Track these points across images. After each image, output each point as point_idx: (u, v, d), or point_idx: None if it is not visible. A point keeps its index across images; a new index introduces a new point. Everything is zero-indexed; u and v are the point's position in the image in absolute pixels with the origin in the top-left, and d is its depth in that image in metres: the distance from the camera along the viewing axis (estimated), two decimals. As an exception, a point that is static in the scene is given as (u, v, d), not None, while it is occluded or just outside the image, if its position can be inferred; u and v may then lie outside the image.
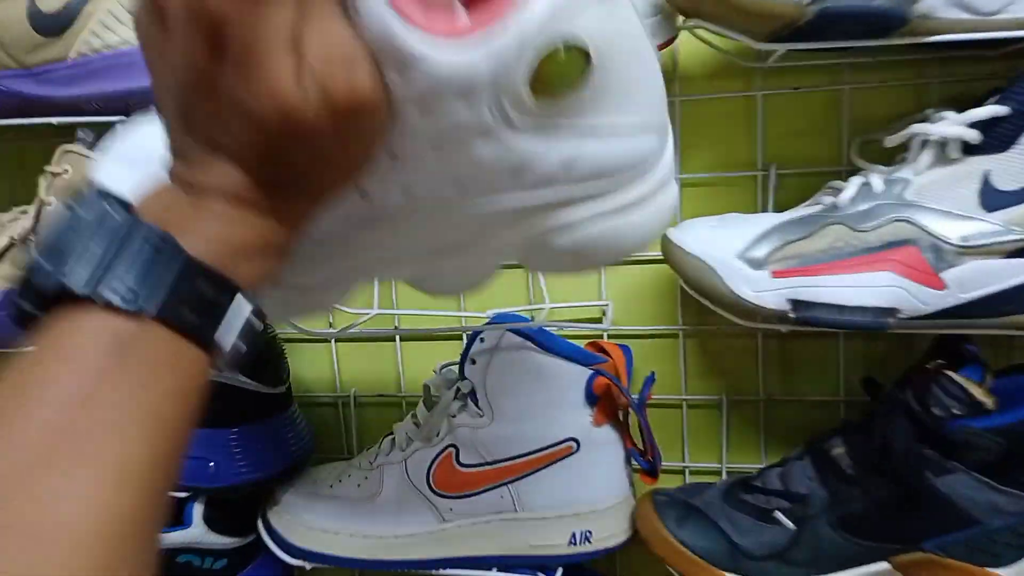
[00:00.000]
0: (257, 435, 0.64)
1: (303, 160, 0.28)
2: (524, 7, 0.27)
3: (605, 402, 0.61)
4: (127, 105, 0.63)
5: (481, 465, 0.62)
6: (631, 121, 0.33)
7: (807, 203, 0.59)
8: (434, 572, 0.63)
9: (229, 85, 0.26)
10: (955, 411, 0.52)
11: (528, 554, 0.62)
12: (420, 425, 0.65)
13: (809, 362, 0.66)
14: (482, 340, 0.60)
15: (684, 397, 0.68)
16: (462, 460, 0.62)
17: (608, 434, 0.62)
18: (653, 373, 0.62)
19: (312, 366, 0.75)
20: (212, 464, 0.64)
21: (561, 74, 0.29)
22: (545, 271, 0.52)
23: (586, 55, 0.29)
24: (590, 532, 0.62)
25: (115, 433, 0.24)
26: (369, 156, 0.30)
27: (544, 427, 0.61)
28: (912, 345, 0.63)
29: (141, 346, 0.25)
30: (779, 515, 0.57)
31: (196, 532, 0.66)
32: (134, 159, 0.44)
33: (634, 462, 0.63)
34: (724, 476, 0.68)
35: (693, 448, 0.69)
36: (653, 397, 0.65)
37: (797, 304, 0.53)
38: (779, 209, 0.63)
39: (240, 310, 0.29)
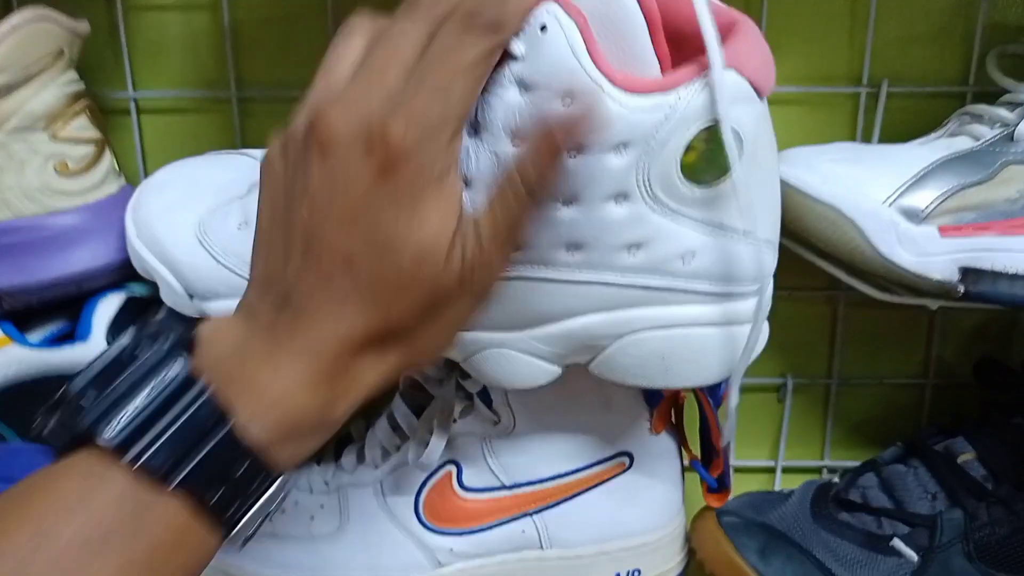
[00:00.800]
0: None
1: (421, 311, 0.28)
2: (696, 86, 0.29)
3: (667, 401, 0.45)
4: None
5: (495, 489, 0.44)
6: (756, 232, 0.33)
7: (940, 134, 0.45)
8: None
9: (384, 217, 0.26)
10: None
11: None
12: (402, 431, 0.46)
13: (889, 336, 0.53)
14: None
15: (737, 379, 0.53)
16: (466, 482, 0.44)
17: (665, 443, 0.45)
18: None
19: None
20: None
21: (711, 159, 0.31)
22: (616, 378, 0.36)
23: (738, 147, 0.30)
24: (638, 571, 0.46)
25: None
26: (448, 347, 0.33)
27: (589, 438, 0.44)
28: (1017, 318, 0.52)
29: (157, 517, 0.24)
30: (899, 543, 0.44)
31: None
32: (173, 185, 0.41)
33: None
34: (779, 477, 0.55)
35: (740, 440, 0.55)
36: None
37: (969, 274, 0.39)
38: (887, 139, 0.48)
39: (270, 494, 0.27)
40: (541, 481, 0.44)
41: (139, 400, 0.24)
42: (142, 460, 0.24)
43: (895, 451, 0.49)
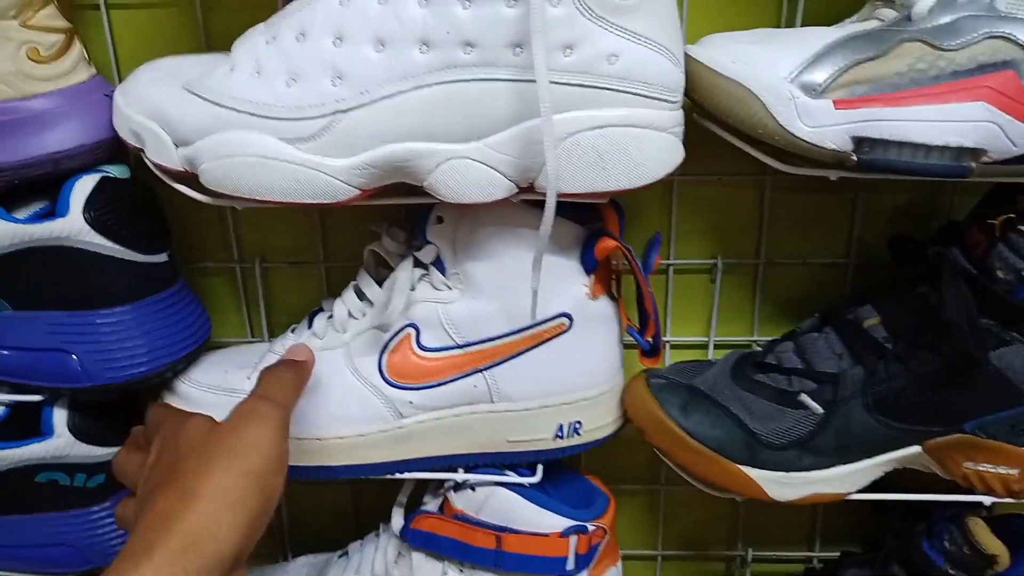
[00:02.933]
0: (133, 320, 0.48)
1: None
2: None
3: (604, 269, 0.49)
4: None
5: (449, 349, 0.49)
6: (664, 43, 0.42)
7: (854, 19, 0.47)
8: (390, 477, 0.52)
9: None
10: (1027, 274, 0.45)
11: (505, 451, 0.51)
12: (367, 299, 0.51)
13: (814, 219, 0.56)
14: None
15: (671, 262, 0.57)
16: (424, 343, 0.49)
17: (604, 308, 0.50)
18: (659, 234, 0.50)
19: (200, 225, 0.57)
20: (75, 358, 0.47)
21: None
22: (563, 188, 0.42)
23: None
24: (579, 423, 0.51)
25: None
26: None
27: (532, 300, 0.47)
28: (936, 200, 0.55)
29: None
30: (805, 398, 0.48)
31: (59, 443, 0.50)
32: (160, 67, 0.47)
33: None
34: (711, 351, 0.59)
35: (675, 318, 0.59)
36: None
37: (863, 143, 0.42)
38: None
39: None
40: (490, 340, 0.48)
41: None
42: None
43: (813, 321, 0.53)
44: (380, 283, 0.51)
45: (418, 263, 0.49)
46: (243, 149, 0.43)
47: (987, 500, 0.51)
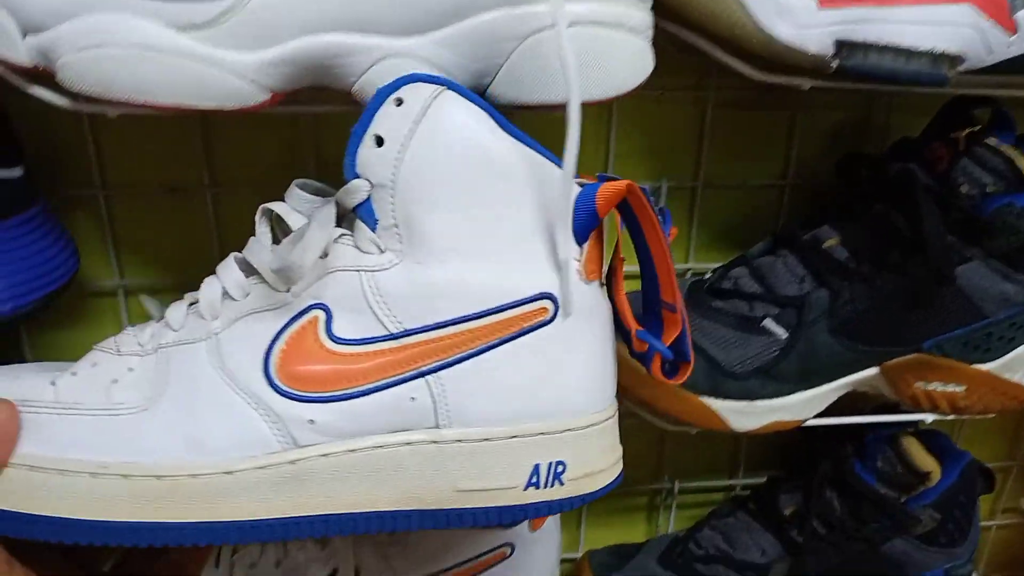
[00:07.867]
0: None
1: None
2: None
3: (598, 240, 0.33)
4: None
5: (378, 341, 0.31)
6: None
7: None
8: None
9: None
10: (990, 188, 0.44)
11: (452, 507, 0.32)
12: (256, 274, 0.32)
13: (751, 139, 0.53)
14: (399, 102, 0.31)
15: (610, 183, 0.52)
16: (338, 332, 0.31)
17: (599, 299, 0.34)
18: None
19: (51, 140, 0.46)
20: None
21: None
22: (521, 96, 0.36)
23: None
24: (562, 465, 0.33)
25: None
26: None
27: (504, 273, 0.31)
28: (871, 119, 0.54)
29: None
30: (769, 323, 0.46)
31: None
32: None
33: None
34: (649, 281, 0.56)
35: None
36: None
37: (843, 46, 0.39)
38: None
39: None
40: (440, 326, 0.31)
41: None
42: None
43: (764, 245, 0.50)
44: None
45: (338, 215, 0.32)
46: (116, 37, 0.33)
47: (929, 418, 0.51)
